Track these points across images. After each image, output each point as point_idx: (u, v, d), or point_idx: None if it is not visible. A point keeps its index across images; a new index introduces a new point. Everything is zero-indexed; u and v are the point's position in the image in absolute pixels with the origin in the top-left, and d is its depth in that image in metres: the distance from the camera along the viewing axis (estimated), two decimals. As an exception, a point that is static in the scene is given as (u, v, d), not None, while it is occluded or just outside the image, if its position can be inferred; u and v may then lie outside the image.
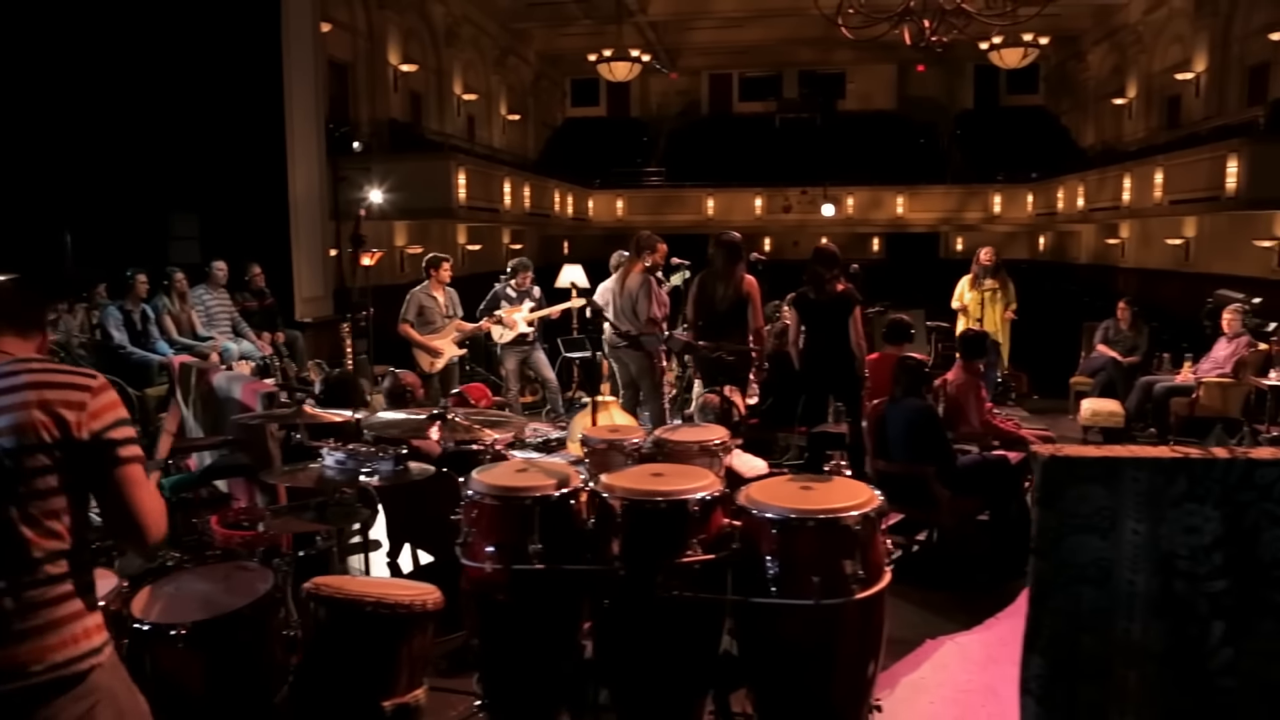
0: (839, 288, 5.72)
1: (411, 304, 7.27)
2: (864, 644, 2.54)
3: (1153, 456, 1.91)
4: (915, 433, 5.14)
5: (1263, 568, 1.90)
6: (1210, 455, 1.91)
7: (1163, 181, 14.12)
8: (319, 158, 9.90)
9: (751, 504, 2.55)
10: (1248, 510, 1.89)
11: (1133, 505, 1.90)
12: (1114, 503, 1.91)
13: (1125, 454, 1.92)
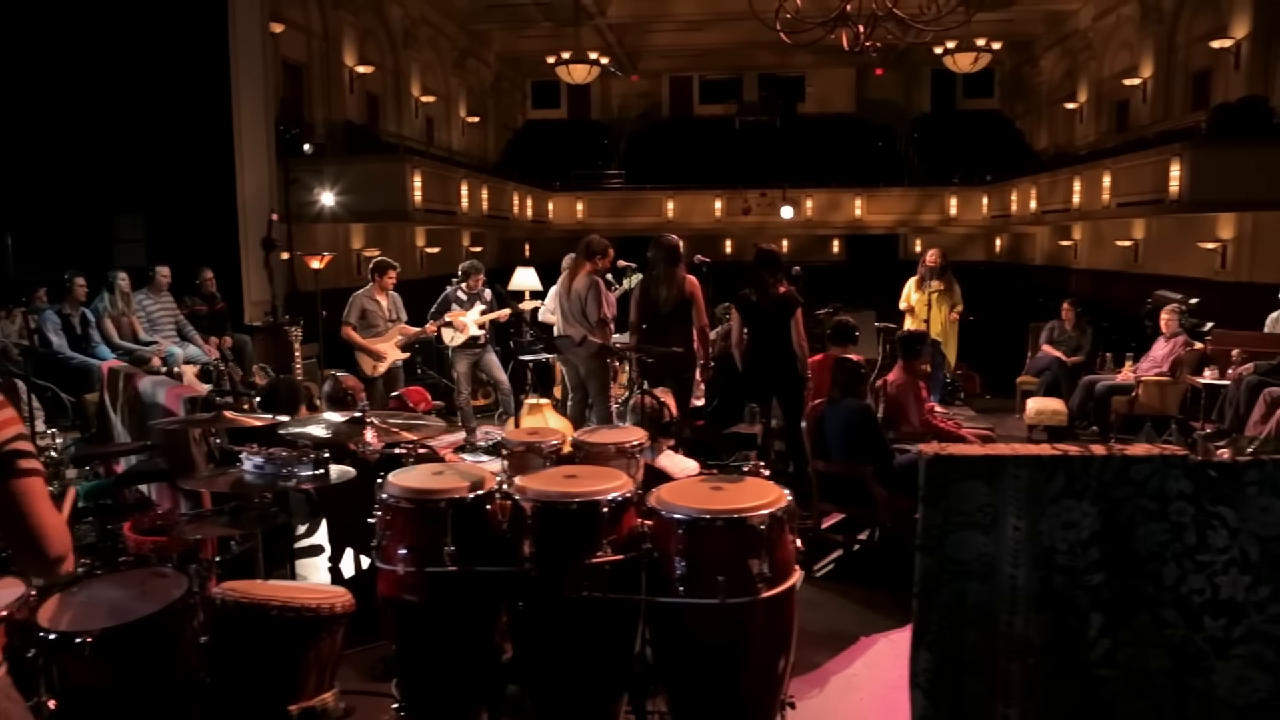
0: (781, 290, 5.77)
1: (354, 307, 7.22)
2: (773, 641, 2.57)
3: (1033, 454, 1.96)
4: (853, 433, 5.21)
5: (1138, 561, 1.96)
6: (1088, 453, 1.96)
7: (1110, 184, 14.39)
8: (269, 160, 9.81)
9: (661, 505, 2.57)
10: (1123, 505, 1.94)
11: (1014, 502, 1.95)
12: (996, 500, 1.96)
13: (1007, 452, 1.97)
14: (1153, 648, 1.97)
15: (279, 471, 2.98)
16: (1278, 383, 6.98)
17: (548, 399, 5.71)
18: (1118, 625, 1.96)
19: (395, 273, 7.31)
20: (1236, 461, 1.96)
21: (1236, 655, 1.98)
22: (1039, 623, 1.96)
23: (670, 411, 3.89)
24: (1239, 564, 1.94)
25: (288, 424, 3.19)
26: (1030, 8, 18.49)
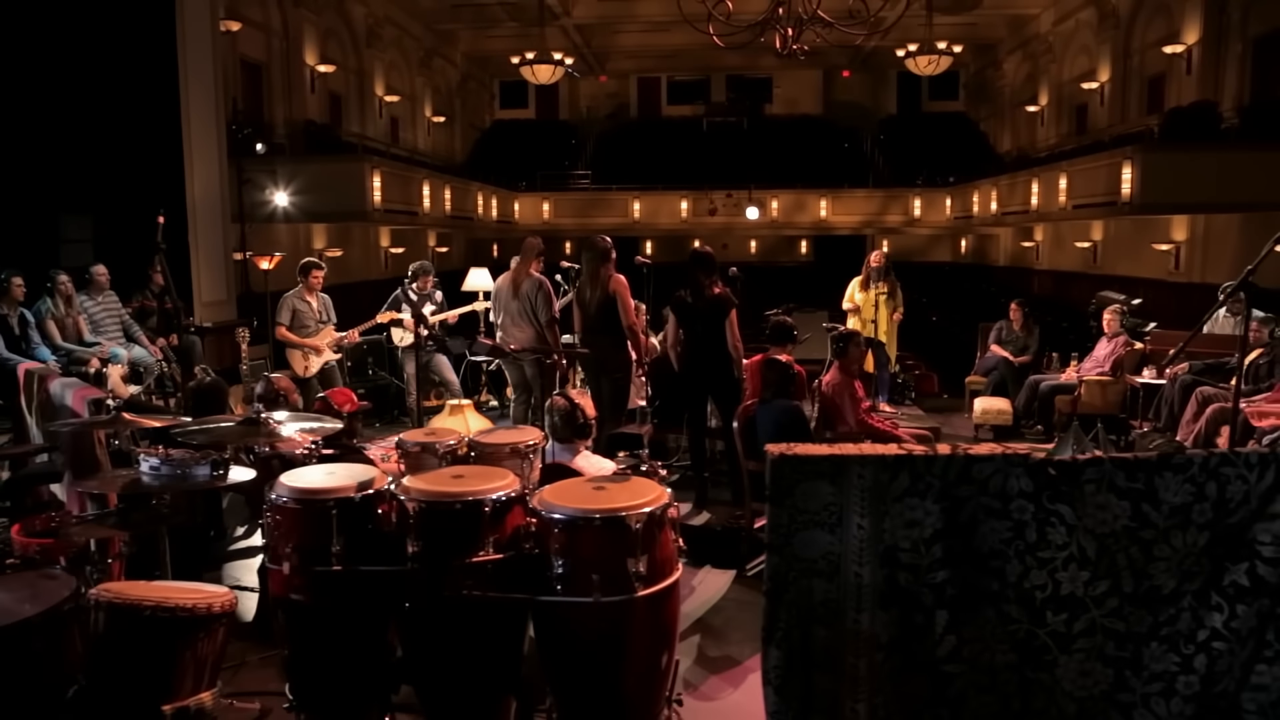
0: (715, 291, 5.81)
1: (284, 308, 7.22)
2: (654, 639, 2.60)
3: (877, 454, 2.00)
4: (782, 433, 5.24)
5: (981, 558, 2.00)
6: (932, 452, 2.00)
7: (1066, 187, 14.58)
8: (220, 159, 9.73)
9: (542, 505, 2.59)
10: (966, 504, 1.99)
11: (858, 501, 1.99)
12: (840, 499, 1.99)
13: (852, 452, 2.01)
14: (998, 643, 2.01)
15: (174, 473, 2.97)
16: (1210, 382, 7.09)
17: (469, 400, 5.67)
18: (963, 621, 1.99)
19: (321, 273, 7.30)
20: (1076, 460, 2.01)
21: (1078, 649, 2.02)
22: (885, 620, 1.99)
23: (584, 412, 3.90)
24: (1077, 560, 1.98)
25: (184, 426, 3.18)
26: (993, 11, 18.70)
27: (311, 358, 7.40)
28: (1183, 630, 2.03)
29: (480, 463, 3.19)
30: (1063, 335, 10.04)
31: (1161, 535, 1.98)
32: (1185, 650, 2.03)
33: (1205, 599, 2.03)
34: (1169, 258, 14.18)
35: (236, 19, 12.62)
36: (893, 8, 18.87)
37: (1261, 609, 2.03)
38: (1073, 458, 1.95)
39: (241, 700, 3.02)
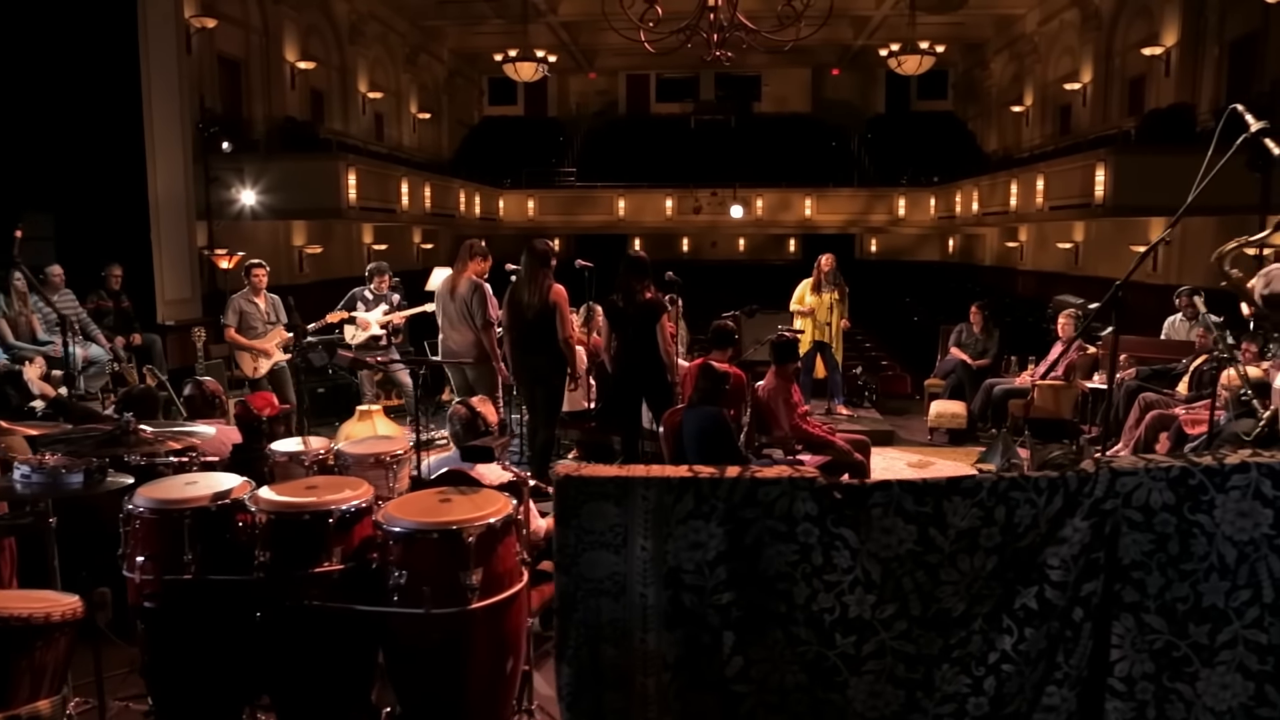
0: (647, 296, 5.82)
1: (231, 309, 7.23)
2: (495, 651, 2.62)
3: (662, 476, 2.01)
4: (706, 439, 5.26)
5: (767, 581, 2.02)
6: (719, 475, 2.02)
7: (1044, 188, 14.55)
8: (185, 157, 9.76)
9: (384, 518, 2.62)
10: (751, 526, 2.00)
11: (642, 522, 2.01)
12: (625, 520, 2.01)
13: (639, 473, 2.03)
14: (787, 664, 2.03)
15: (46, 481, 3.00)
16: (1154, 388, 7.10)
17: (377, 405, 5.64)
18: (750, 642, 2.01)
19: (263, 271, 7.30)
20: (863, 484, 2.03)
21: (868, 671, 2.04)
22: (671, 640, 2.01)
23: (485, 420, 3.92)
24: (863, 584, 2.00)
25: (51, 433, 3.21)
26: (979, 11, 18.65)
27: (261, 359, 7.43)
28: (973, 652, 2.05)
29: (345, 473, 3.21)
30: (1027, 338, 10.01)
31: (948, 559, 2.00)
32: (976, 672, 2.05)
33: (996, 622, 2.05)
34: (1148, 259, 14.16)
35: (213, 16, 12.62)
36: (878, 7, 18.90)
37: (1051, 631, 2.05)
38: (999, 472, 1.98)
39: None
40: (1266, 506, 2.01)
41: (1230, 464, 2.03)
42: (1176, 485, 2.02)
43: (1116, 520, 2.01)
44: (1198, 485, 2.02)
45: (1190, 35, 13.61)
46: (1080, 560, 2.01)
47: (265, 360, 7.43)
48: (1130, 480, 2.01)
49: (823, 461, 5.97)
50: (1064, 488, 2.01)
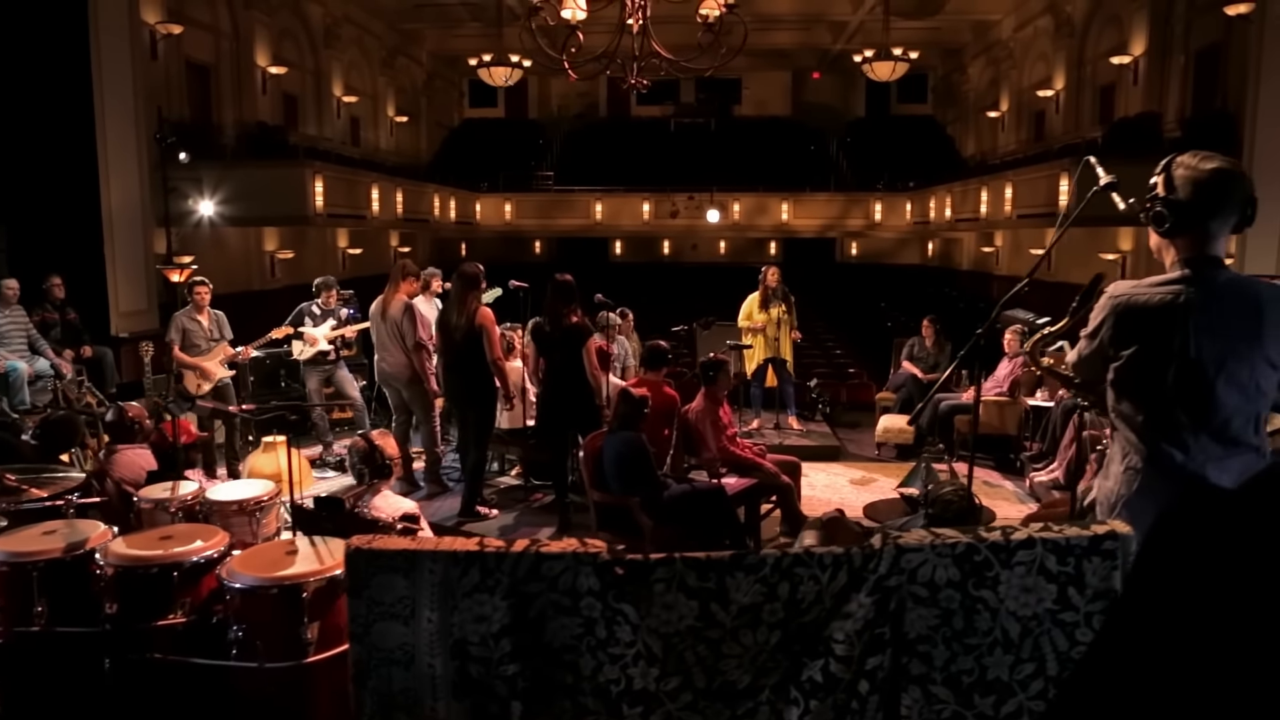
0: (573, 319, 5.84)
1: (174, 327, 7.22)
2: (336, 704, 2.65)
3: (449, 550, 2.04)
4: (624, 464, 5.29)
5: (554, 652, 2.05)
6: (504, 550, 2.05)
7: (1012, 195, 14.58)
8: (141, 168, 9.76)
9: (227, 573, 2.65)
10: (535, 600, 2.03)
11: (428, 595, 2.04)
12: (413, 592, 2.04)
13: (427, 547, 2.06)
14: (578, 730, 2.07)
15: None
16: (1089, 406, 7.12)
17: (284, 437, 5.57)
18: (538, 712, 2.04)
19: (205, 289, 7.28)
20: (646, 559, 2.06)
21: (658, 740, 2.07)
22: (460, 709, 2.04)
23: (383, 454, 3.95)
24: (645, 657, 2.03)
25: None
26: (957, 17, 18.67)
27: (204, 377, 7.43)
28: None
29: (209, 520, 3.24)
30: (956, 353, 10.02)
31: (730, 634, 2.03)
32: (766, 742, 2.08)
33: (784, 693, 2.07)
34: (1116, 267, 14.21)
35: (181, 21, 12.61)
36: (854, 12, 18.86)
37: (837, 703, 2.08)
38: (921, 491, 2.00)
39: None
40: (1050, 582, 2.04)
41: (1016, 540, 2.06)
42: (962, 562, 2.05)
43: (902, 596, 2.04)
44: (983, 561, 2.05)
45: (1157, 45, 13.65)
46: (865, 635, 2.04)
47: (209, 378, 7.44)
48: (916, 557, 2.04)
49: (749, 484, 6.01)
50: (848, 564, 2.03)
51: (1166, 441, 2.25)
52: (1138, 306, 2.28)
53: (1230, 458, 2.18)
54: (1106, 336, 2.34)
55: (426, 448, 6.92)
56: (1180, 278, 2.25)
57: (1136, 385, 2.30)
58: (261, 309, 11.75)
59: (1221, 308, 2.18)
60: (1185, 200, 2.22)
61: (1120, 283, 2.39)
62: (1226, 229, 2.26)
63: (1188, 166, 2.25)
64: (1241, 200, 2.24)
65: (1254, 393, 2.16)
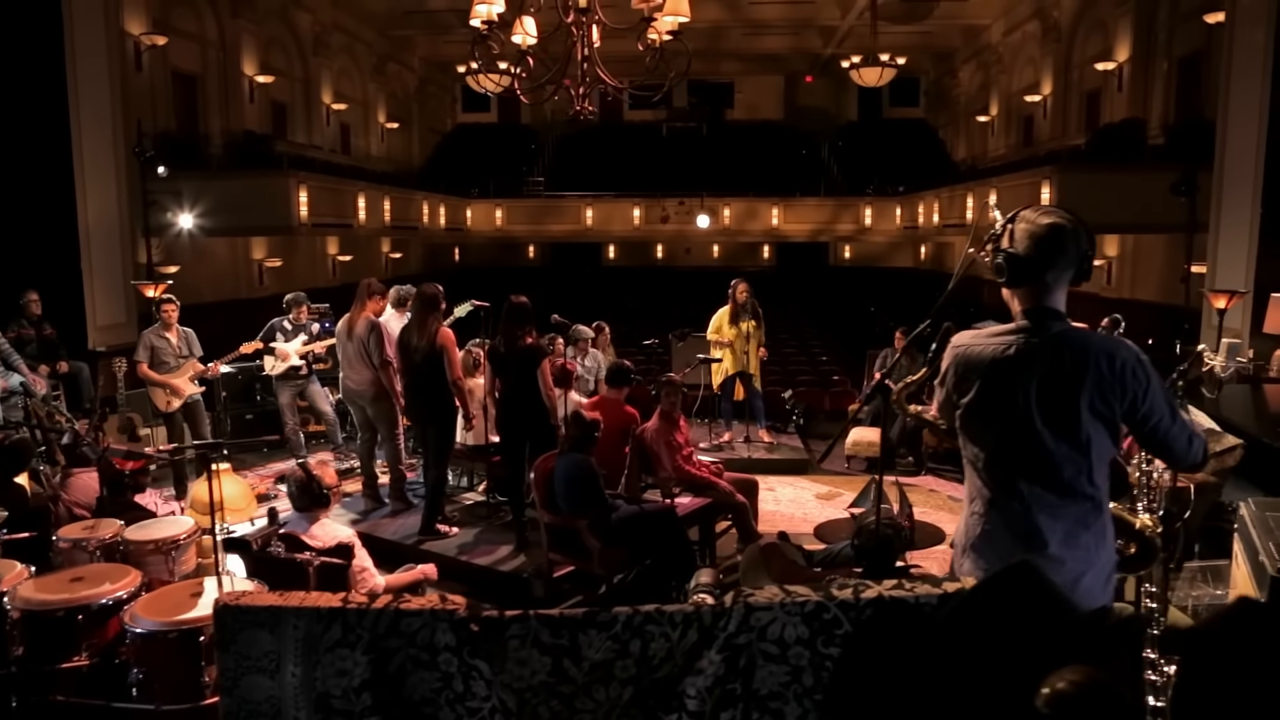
0: (527, 341, 5.90)
1: (142, 345, 7.29)
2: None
3: (314, 606, 2.10)
4: (573, 486, 5.35)
5: (413, 705, 2.10)
6: (365, 606, 2.11)
7: (996, 202, 14.54)
8: (119, 181, 9.84)
9: (130, 618, 2.71)
10: (395, 655, 2.09)
11: (293, 650, 2.09)
12: (278, 647, 2.10)
13: (292, 603, 2.11)
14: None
15: None
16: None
17: (228, 464, 5.62)
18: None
19: (173, 307, 7.34)
20: (503, 615, 2.11)
21: (519, 790, 2.13)
22: (327, 760, 2.10)
23: (320, 483, 4.01)
24: (501, 712, 2.08)
25: None
26: (946, 21, 18.66)
27: (173, 394, 7.50)
28: (621, 773, 2.13)
29: (126, 559, 3.30)
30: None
31: (582, 690, 2.08)
32: (625, 792, 2.13)
33: (640, 746, 2.13)
34: (1101, 273, 14.21)
35: (167, 32, 12.70)
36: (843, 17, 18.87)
37: (693, 755, 2.13)
38: (870, 512, 2.05)
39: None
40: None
41: (866, 598, 2.11)
42: (811, 620, 2.09)
43: (752, 653, 2.09)
44: (831, 619, 2.10)
45: (1141, 51, 13.66)
46: (716, 691, 2.08)
47: (178, 395, 7.51)
48: (765, 615, 2.09)
49: (703, 504, 6.06)
50: (699, 622, 2.08)
51: (1002, 489, 2.31)
52: (973, 357, 2.34)
53: (1064, 507, 2.23)
54: (950, 385, 2.40)
55: (391, 465, 6.98)
56: (1017, 328, 2.30)
57: (976, 433, 2.36)
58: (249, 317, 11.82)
59: (1053, 360, 2.22)
60: (1023, 254, 2.27)
61: (963, 333, 2.44)
62: (1063, 282, 2.31)
63: (1027, 221, 2.31)
64: (1077, 255, 2.29)
65: (1084, 444, 2.20)
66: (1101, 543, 2.26)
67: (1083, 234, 2.31)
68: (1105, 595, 2.27)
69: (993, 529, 2.31)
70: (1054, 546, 2.21)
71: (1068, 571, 2.20)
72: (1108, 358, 2.18)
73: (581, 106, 5.23)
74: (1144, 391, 2.19)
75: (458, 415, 6.27)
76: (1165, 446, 2.27)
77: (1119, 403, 2.18)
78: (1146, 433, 2.25)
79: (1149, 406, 2.20)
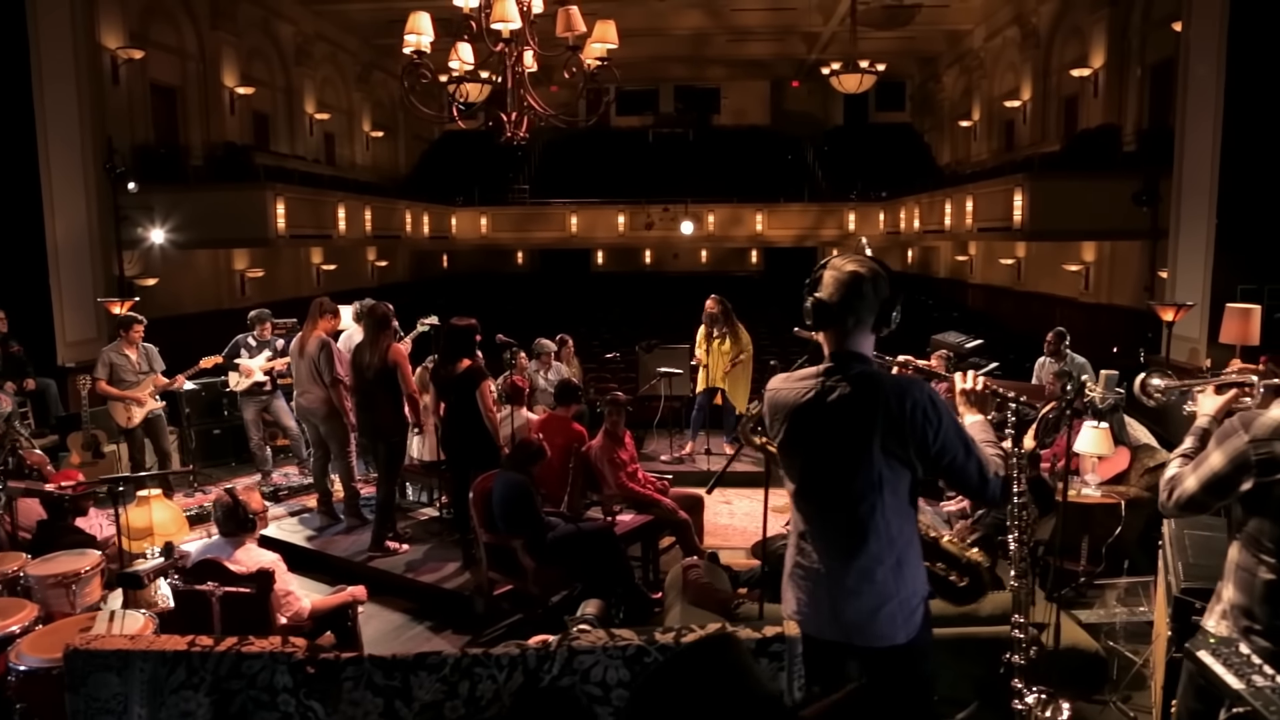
0: (466, 364, 5.97)
1: (101, 362, 7.38)
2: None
3: (160, 650, 2.18)
4: (508, 505, 5.42)
5: (256, 746, 2.18)
6: (209, 649, 2.19)
7: (973, 209, 14.65)
8: (88, 197, 9.94)
9: (16, 655, 2.78)
10: (236, 696, 2.17)
11: (139, 692, 2.18)
12: (125, 689, 2.18)
13: (140, 647, 2.20)
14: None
15: None
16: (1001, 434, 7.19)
17: (160, 489, 5.67)
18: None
19: (140, 327, 7.44)
20: (338, 658, 2.19)
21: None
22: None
23: (246, 508, 4.09)
24: (337, 750, 2.16)
25: None
26: (930, 26, 18.73)
27: (134, 408, 7.60)
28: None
29: (28, 594, 3.38)
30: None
31: (414, 729, 2.16)
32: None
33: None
34: (1080, 278, 14.28)
35: (146, 45, 12.80)
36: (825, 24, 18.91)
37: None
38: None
39: None
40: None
41: (687, 642, 2.18)
42: (632, 663, 2.17)
43: (575, 694, 2.16)
44: (652, 662, 2.17)
45: (1115, 58, 13.71)
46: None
47: (139, 409, 7.60)
48: (588, 658, 2.16)
49: (645, 521, 6.13)
50: (523, 664, 2.16)
51: (808, 523, 2.41)
52: (779, 400, 2.42)
53: (860, 543, 2.31)
54: (767, 424, 2.48)
55: (344, 482, 7.06)
56: (821, 371, 2.37)
57: (787, 469, 2.45)
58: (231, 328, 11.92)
59: (848, 400, 2.29)
60: (827, 299, 2.34)
61: (777, 376, 2.51)
62: (865, 327, 2.36)
63: (835, 268, 2.38)
64: (878, 302, 2.34)
65: (876, 481, 2.28)
66: (899, 576, 2.32)
67: (883, 282, 2.37)
68: (909, 627, 2.33)
69: (802, 561, 2.40)
70: (850, 580, 2.31)
71: (864, 603, 2.30)
72: (899, 399, 2.25)
73: (512, 133, 5.29)
74: (935, 432, 2.26)
75: (409, 432, 6.37)
76: (961, 482, 2.35)
77: (910, 442, 2.25)
78: (942, 469, 2.32)
79: (940, 445, 2.27)
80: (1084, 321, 13.95)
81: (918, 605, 2.38)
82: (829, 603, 2.36)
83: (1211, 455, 2.33)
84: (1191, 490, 2.37)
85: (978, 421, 2.63)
